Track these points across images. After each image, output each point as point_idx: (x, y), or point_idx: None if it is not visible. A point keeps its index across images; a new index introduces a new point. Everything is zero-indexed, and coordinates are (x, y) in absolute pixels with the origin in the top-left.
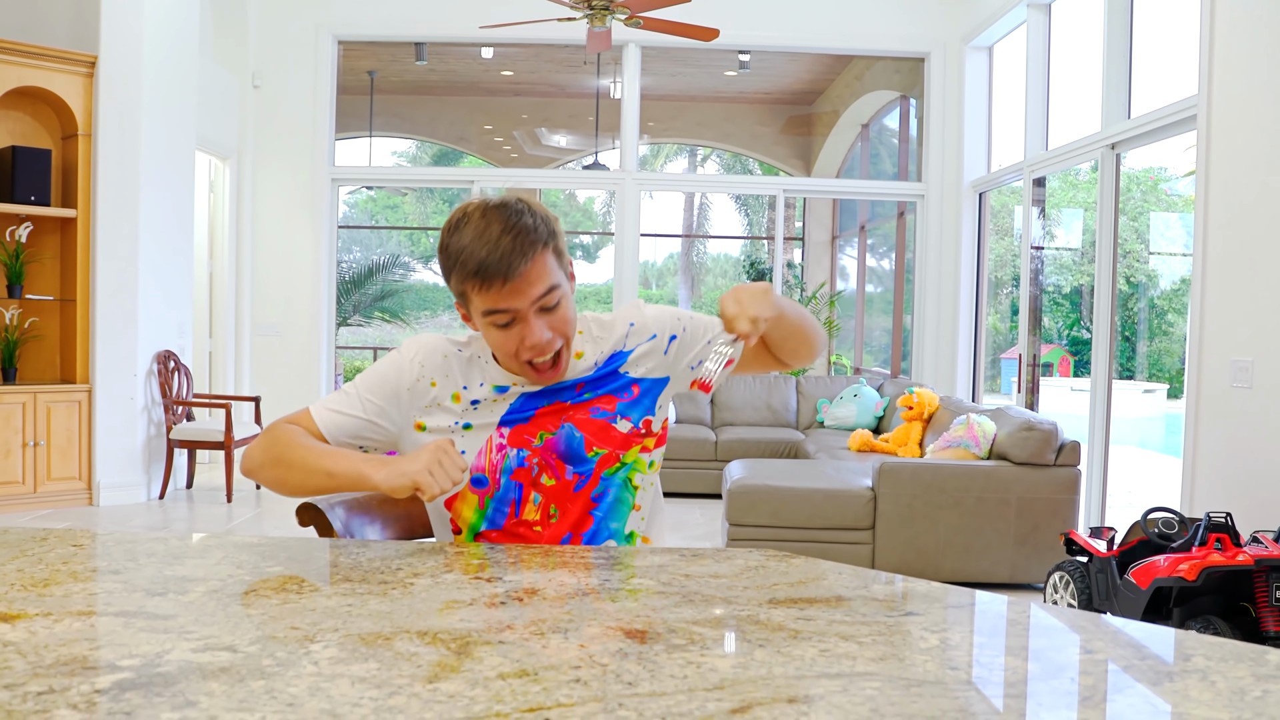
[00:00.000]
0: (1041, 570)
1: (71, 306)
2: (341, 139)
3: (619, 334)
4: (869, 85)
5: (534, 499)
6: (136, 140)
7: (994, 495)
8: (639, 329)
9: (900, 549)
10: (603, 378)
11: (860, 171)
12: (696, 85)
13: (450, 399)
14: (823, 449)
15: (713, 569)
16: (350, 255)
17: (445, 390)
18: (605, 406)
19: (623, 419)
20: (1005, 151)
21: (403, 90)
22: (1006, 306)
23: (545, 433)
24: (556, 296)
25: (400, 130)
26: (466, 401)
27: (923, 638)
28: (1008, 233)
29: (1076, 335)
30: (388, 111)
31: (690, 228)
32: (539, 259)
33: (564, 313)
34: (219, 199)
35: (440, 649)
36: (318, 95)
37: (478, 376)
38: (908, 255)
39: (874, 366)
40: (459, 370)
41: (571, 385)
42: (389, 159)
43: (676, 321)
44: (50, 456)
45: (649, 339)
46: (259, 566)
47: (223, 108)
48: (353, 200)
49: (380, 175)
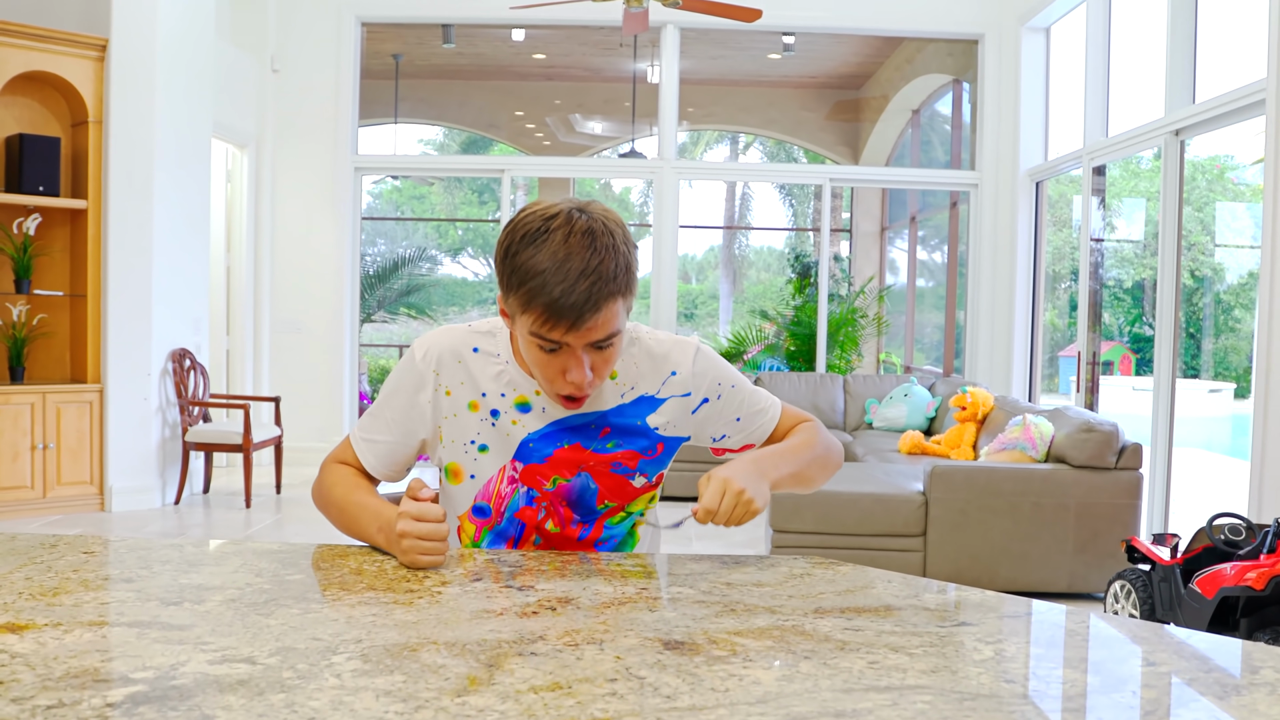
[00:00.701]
0: (1101, 579)
1: (82, 302)
2: (365, 126)
3: (659, 376)
4: (920, 69)
5: (534, 540)
6: (150, 127)
7: (1051, 500)
8: (679, 381)
9: (953, 556)
10: (629, 431)
11: (911, 160)
12: (738, 69)
13: (467, 408)
14: (871, 451)
15: (755, 577)
16: (374, 248)
17: (461, 399)
18: (627, 463)
19: (640, 475)
20: (1063, 139)
21: (429, 74)
22: (1065, 302)
23: (560, 478)
24: (612, 341)
25: (427, 117)
26: (485, 411)
27: (976, 649)
28: (1065, 224)
29: (1138, 332)
30: (414, 97)
31: (731, 219)
32: (610, 307)
33: (611, 354)
34: (237, 189)
35: (469, 661)
36: (340, 80)
37: (498, 383)
38: (960, 248)
39: (925, 365)
40: (477, 374)
41: (596, 424)
42: (415, 147)
43: (716, 386)
44: (60, 460)
45: (683, 395)
46: (279, 574)
47: (241, 93)
48: (377, 190)
49: (406, 164)
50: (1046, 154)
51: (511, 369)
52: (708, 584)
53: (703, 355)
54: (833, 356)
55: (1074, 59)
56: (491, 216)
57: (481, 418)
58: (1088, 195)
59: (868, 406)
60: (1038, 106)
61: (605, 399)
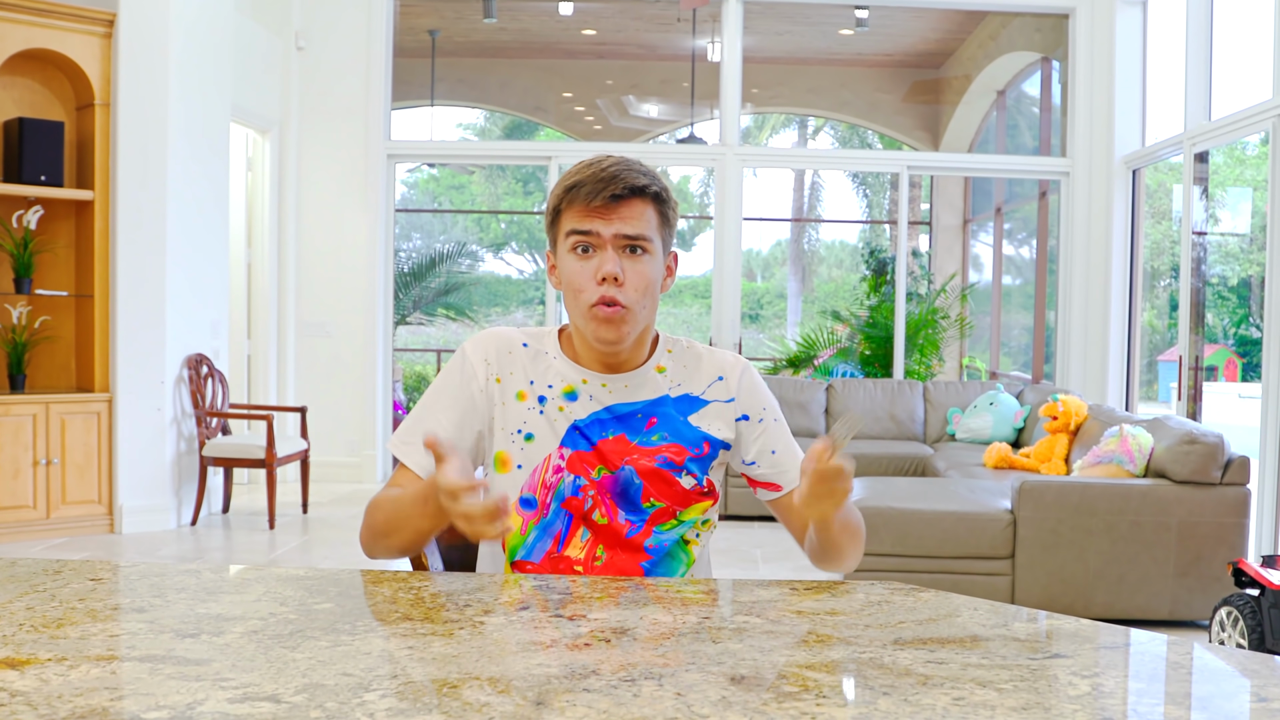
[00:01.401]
0: (1206, 606)
1: (89, 303)
2: (399, 109)
3: (704, 375)
4: (1005, 46)
5: (582, 534)
6: (163, 111)
7: (1151, 519)
8: (723, 386)
9: (1043, 580)
10: (675, 425)
11: (996, 145)
12: (807, 46)
13: (515, 397)
14: (954, 465)
15: (829, 604)
16: (409, 243)
17: (511, 387)
18: (674, 458)
19: (688, 474)
20: (1161, 123)
21: (469, 53)
22: (1164, 301)
23: (605, 468)
24: (644, 247)
25: (466, 99)
26: (533, 399)
27: (1071, 683)
28: (1164, 216)
29: (1244, 334)
30: (452, 77)
31: (800, 211)
32: (639, 202)
33: (645, 271)
34: (259, 178)
35: (515, 698)
36: (371, 59)
37: (547, 374)
38: (1050, 242)
39: (1012, 370)
40: (526, 364)
41: (643, 414)
42: (453, 132)
43: (761, 410)
44: (65, 477)
45: (726, 400)
46: (306, 603)
47: (262, 73)
48: (412, 180)
49: (443, 150)
50: (1144, 139)
51: (560, 362)
52: (777, 612)
53: (751, 374)
54: (911, 361)
55: (1173, 35)
56: (537, 208)
57: (529, 406)
58: (1189, 184)
59: (950, 416)
60: (1134, 87)
61: (652, 389)
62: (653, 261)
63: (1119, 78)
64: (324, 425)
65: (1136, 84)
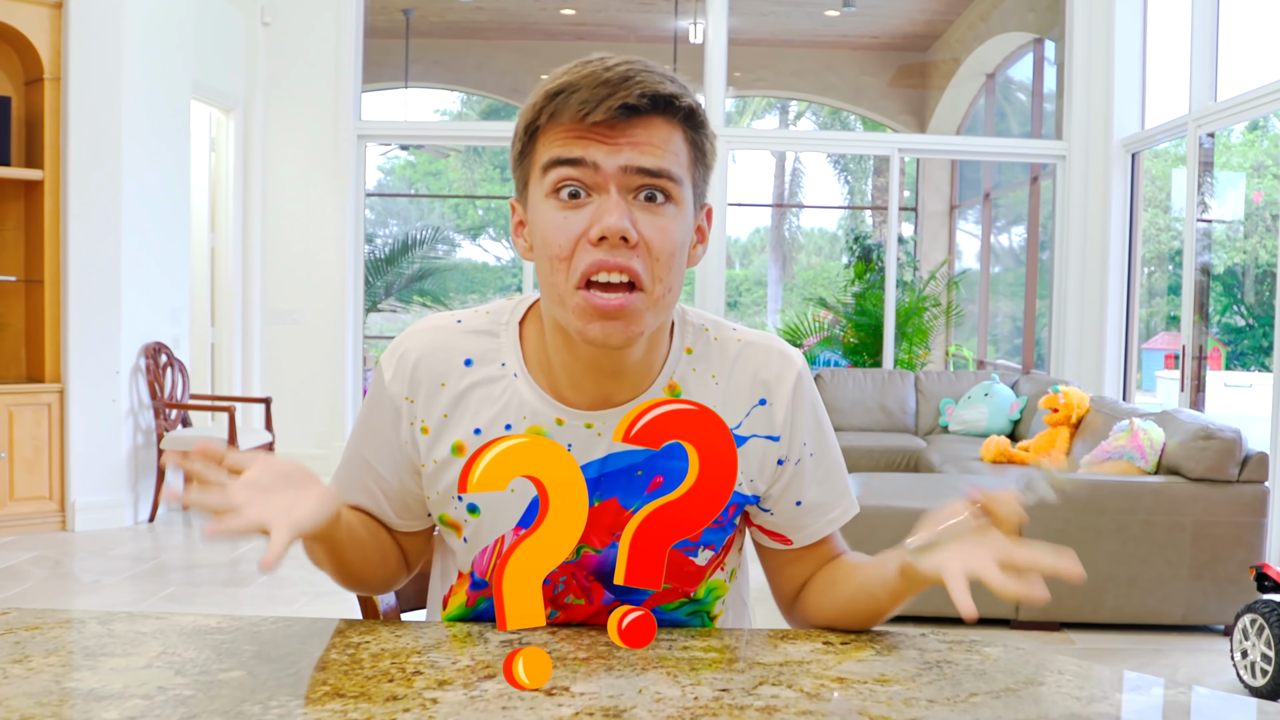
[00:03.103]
0: (1222, 609)
1: (39, 289)
2: (372, 90)
3: (741, 395)
4: (996, 27)
5: (548, 614)
6: (117, 86)
7: (1164, 518)
8: (768, 415)
9: (1051, 584)
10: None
11: (984, 130)
12: (791, 27)
13: (451, 452)
14: (949, 460)
15: (876, 668)
16: (386, 229)
17: (443, 440)
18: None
19: (704, 549)
20: (1160, 105)
21: (444, 33)
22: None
23: (586, 546)
24: (668, 191)
25: (442, 81)
26: None
27: None
28: (1152, 202)
29: (1230, 322)
30: (426, 59)
31: (781, 197)
32: (662, 123)
33: (669, 230)
34: (223, 159)
35: None
36: (341, 34)
37: (500, 411)
38: (1041, 228)
39: (998, 359)
40: (468, 401)
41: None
42: (430, 117)
43: (802, 446)
44: (13, 472)
45: (769, 438)
46: (210, 671)
47: (226, 49)
48: (389, 166)
49: (415, 131)
50: (1143, 122)
51: (522, 384)
52: (813, 680)
53: (804, 389)
54: (899, 350)
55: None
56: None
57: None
58: (1194, 168)
59: (942, 408)
60: (1134, 68)
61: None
62: (680, 215)
63: (1118, 57)
64: (291, 417)
65: (1136, 64)
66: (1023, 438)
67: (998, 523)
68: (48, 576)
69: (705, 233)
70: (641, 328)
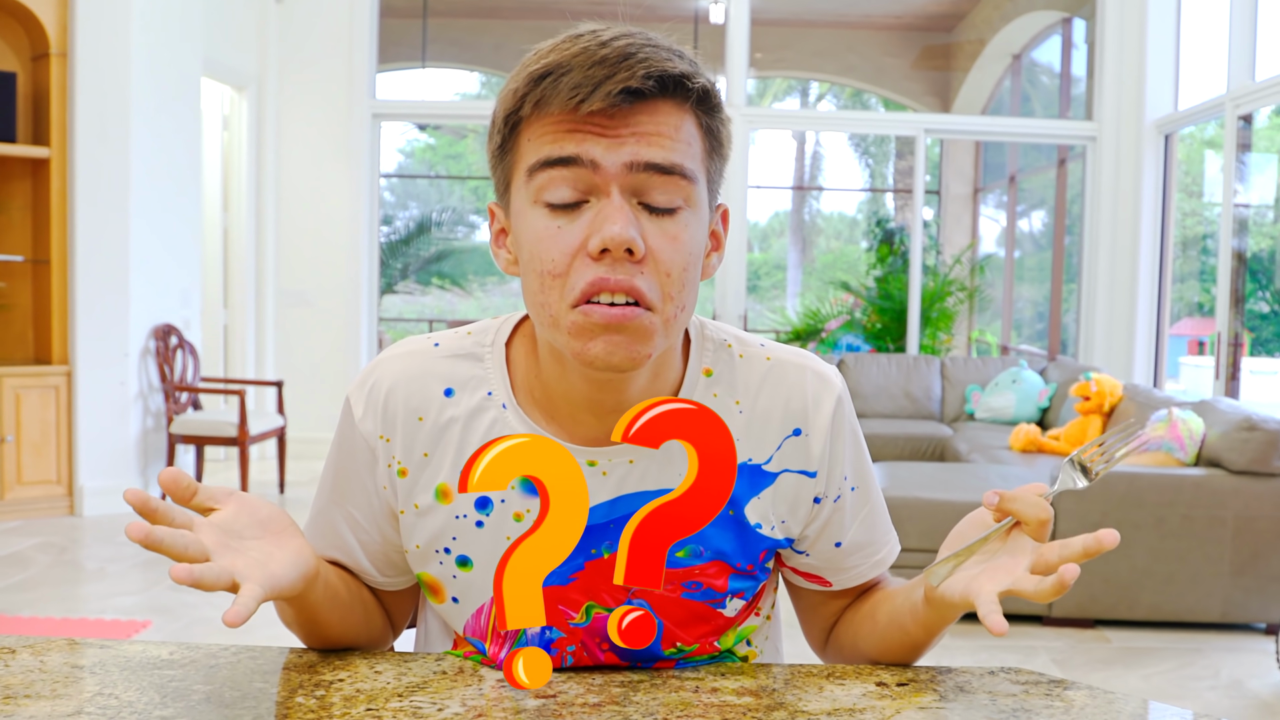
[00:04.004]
0: (1265, 607)
1: (45, 269)
2: (388, 70)
3: (772, 424)
4: (1023, 6)
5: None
6: (126, 62)
7: (1204, 512)
8: (803, 447)
9: (1084, 579)
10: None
11: (1010, 112)
12: (814, 7)
13: (435, 496)
14: (977, 448)
15: (940, 717)
16: (407, 212)
17: (424, 483)
18: (711, 580)
19: (734, 597)
20: (1193, 86)
21: (462, 12)
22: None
23: (597, 605)
24: (680, 193)
25: (459, 61)
26: (466, 501)
27: None
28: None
29: (1254, 309)
30: (444, 38)
31: (801, 180)
32: (671, 108)
33: (681, 239)
34: (235, 138)
35: None
36: (355, 12)
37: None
38: (1069, 211)
39: (1022, 344)
40: (449, 435)
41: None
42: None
43: (843, 481)
44: (21, 455)
45: (803, 473)
46: (147, 717)
47: (238, 25)
48: (409, 149)
49: (430, 110)
50: (1177, 103)
51: (512, 416)
52: None
53: (843, 417)
54: (923, 335)
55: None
56: None
57: (458, 512)
58: (1231, 149)
59: (968, 394)
60: (1167, 46)
61: (677, 468)
62: (693, 221)
63: (1151, 35)
64: (303, 399)
65: (1170, 42)
66: (1052, 426)
67: (1024, 523)
68: (52, 564)
69: (721, 239)
70: (649, 349)
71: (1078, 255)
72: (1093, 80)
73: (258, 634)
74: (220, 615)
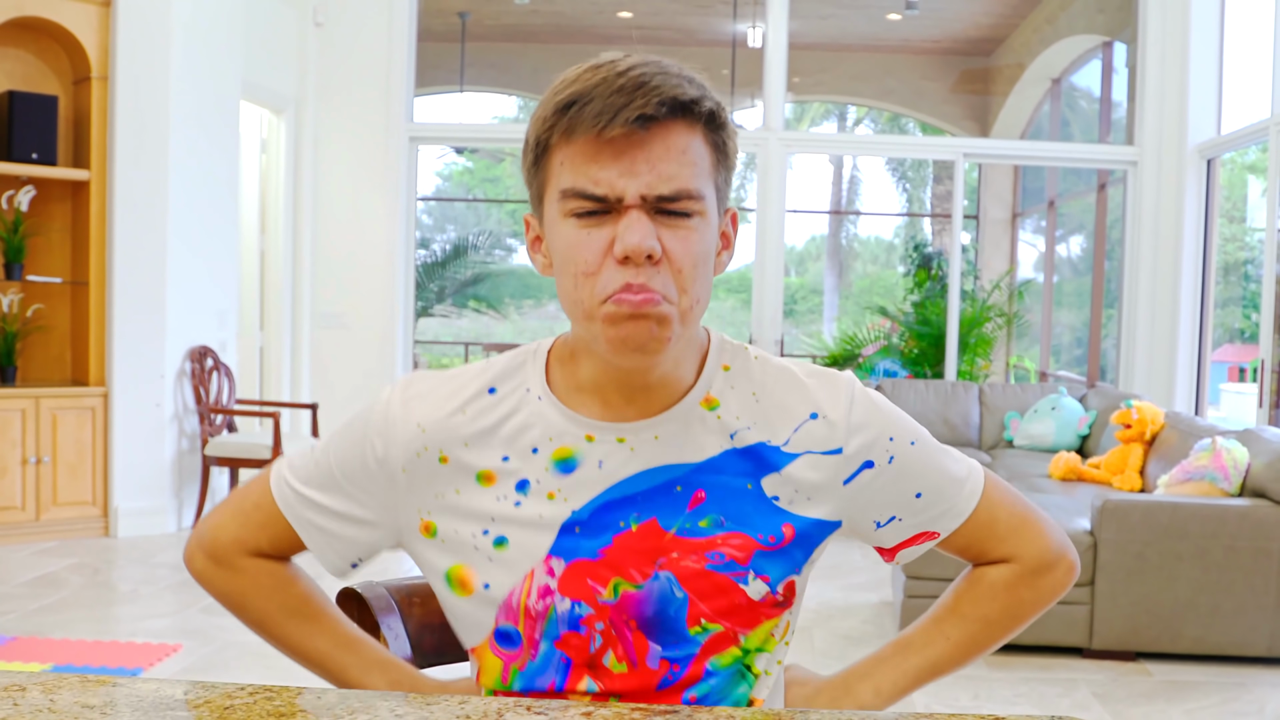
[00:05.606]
0: None
1: (84, 291)
2: (426, 94)
3: (787, 415)
4: (1063, 30)
5: (585, 685)
6: (164, 85)
7: (1249, 543)
8: (822, 428)
9: (1126, 610)
10: (736, 499)
11: (1049, 136)
12: (852, 31)
13: (477, 480)
14: (1016, 476)
15: None
16: (445, 235)
17: (466, 468)
18: (735, 554)
19: (758, 578)
20: (1235, 110)
21: (500, 36)
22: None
23: (624, 582)
24: (690, 207)
25: (497, 85)
26: (507, 484)
27: None
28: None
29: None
30: (482, 62)
31: (839, 204)
32: (683, 128)
33: (693, 243)
34: (273, 160)
35: None
36: (394, 35)
37: (525, 431)
38: (1110, 237)
39: (1060, 370)
40: (491, 429)
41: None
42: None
43: (887, 443)
44: (57, 476)
45: (826, 452)
46: None
47: (278, 49)
48: (447, 172)
49: (467, 133)
50: (1219, 127)
51: (547, 405)
52: None
53: (864, 396)
54: (961, 361)
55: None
56: None
57: (499, 494)
58: (1275, 174)
59: (1007, 421)
60: (1210, 70)
61: (699, 440)
62: (704, 226)
63: (1193, 59)
64: (338, 422)
65: (1213, 66)
66: (1092, 454)
67: None
68: (85, 585)
69: (730, 239)
70: (669, 333)
71: (1117, 281)
72: (1134, 104)
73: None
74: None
